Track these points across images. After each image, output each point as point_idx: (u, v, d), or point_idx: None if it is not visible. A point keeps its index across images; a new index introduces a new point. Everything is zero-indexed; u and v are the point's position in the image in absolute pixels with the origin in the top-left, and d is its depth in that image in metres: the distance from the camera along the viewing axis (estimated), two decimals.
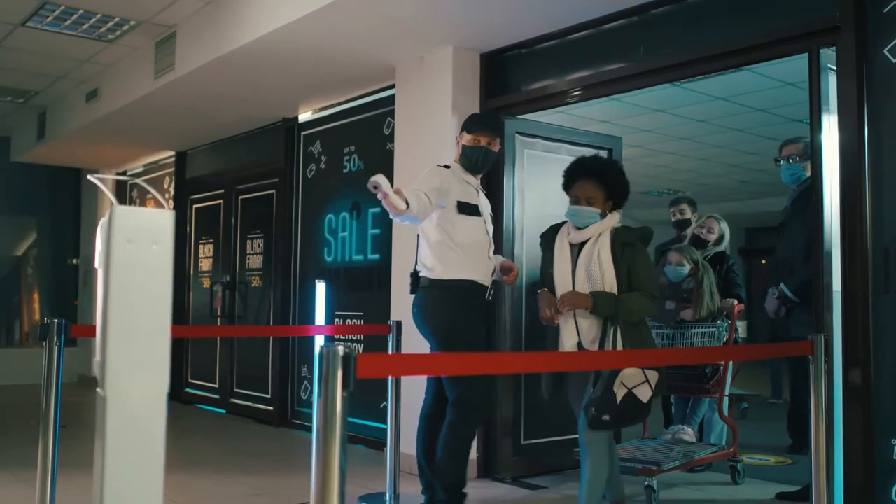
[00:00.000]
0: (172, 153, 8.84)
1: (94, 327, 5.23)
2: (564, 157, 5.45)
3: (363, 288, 6.14)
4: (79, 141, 8.27)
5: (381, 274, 5.89)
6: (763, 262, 14.15)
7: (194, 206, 8.64)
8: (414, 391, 4.79)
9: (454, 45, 5.07)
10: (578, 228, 3.59)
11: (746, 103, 7.37)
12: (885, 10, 3.45)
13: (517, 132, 5.16)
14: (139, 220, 1.62)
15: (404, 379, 4.50)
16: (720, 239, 5.49)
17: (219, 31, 5.39)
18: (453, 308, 3.77)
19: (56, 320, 3.30)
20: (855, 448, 3.45)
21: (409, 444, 4.67)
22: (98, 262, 1.66)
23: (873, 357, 3.43)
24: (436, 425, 3.85)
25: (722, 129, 8.44)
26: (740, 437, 5.04)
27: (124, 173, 10.00)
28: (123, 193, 10.07)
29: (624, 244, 3.49)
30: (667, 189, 12.64)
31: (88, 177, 2.25)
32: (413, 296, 3.91)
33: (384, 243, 5.86)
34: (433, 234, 3.82)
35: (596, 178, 3.58)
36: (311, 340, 6.59)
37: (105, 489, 1.52)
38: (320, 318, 4.70)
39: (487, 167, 4.05)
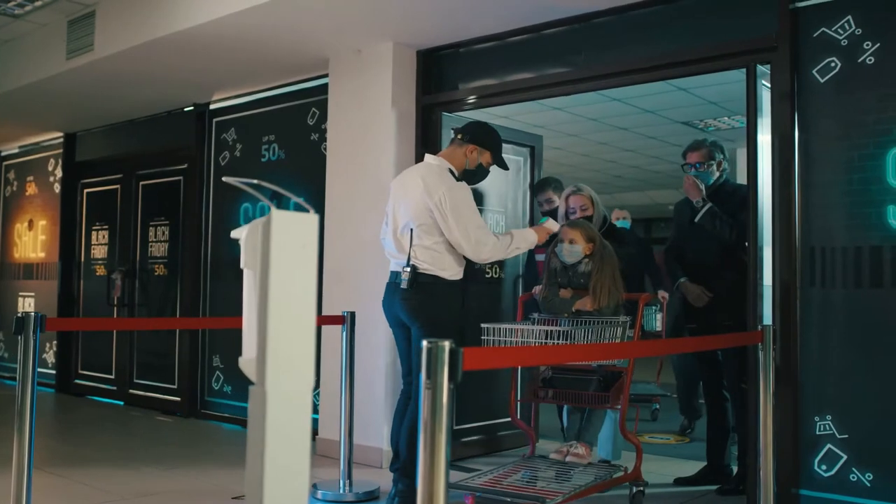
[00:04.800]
0: (60, 134, 8.40)
1: (68, 321, 5.01)
2: None
3: None
4: None
5: None
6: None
7: (86, 190, 8.26)
8: (362, 379, 4.93)
9: (394, 41, 5.16)
10: None
11: (638, 105, 7.84)
12: (815, 35, 3.86)
13: (452, 128, 5.31)
14: (291, 224, 1.71)
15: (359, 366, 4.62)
16: (594, 210, 4.74)
17: (148, 14, 5.23)
18: (461, 303, 3.93)
19: (33, 314, 3.20)
20: (784, 425, 3.85)
21: (360, 433, 4.84)
22: (244, 264, 1.73)
23: (800, 344, 3.85)
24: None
25: (610, 127, 8.91)
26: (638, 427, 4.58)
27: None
28: None
29: None
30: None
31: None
32: (403, 289, 3.89)
33: None
34: (437, 238, 3.87)
35: None
36: (224, 332, 6.51)
37: (266, 477, 1.62)
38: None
39: None
